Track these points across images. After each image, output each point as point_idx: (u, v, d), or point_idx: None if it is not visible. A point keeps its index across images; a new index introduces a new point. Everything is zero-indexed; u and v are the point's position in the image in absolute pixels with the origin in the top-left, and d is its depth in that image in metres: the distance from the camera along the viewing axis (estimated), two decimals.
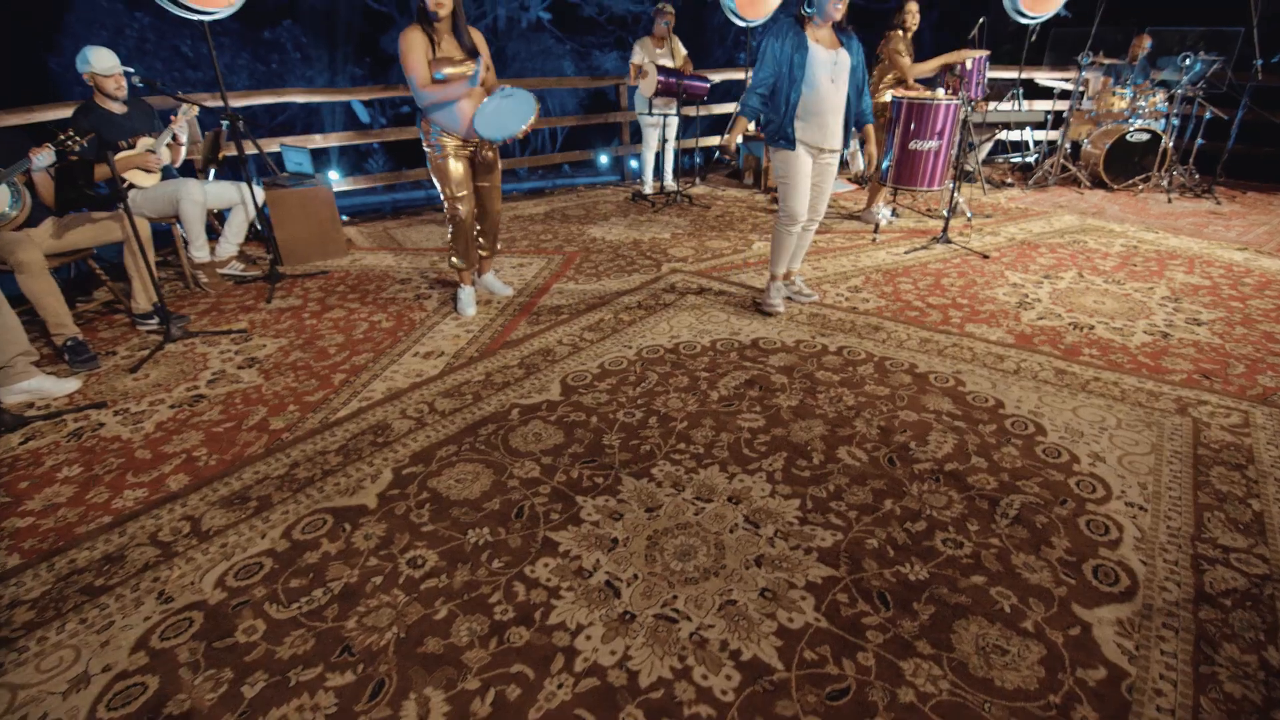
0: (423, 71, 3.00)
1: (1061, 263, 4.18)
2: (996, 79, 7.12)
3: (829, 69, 2.92)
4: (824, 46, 2.93)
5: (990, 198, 5.94)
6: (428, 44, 3.02)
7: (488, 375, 2.87)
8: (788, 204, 3.16)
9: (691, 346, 3.07)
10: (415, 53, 2.99)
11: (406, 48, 2.99)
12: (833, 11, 2.86)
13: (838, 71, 2.94)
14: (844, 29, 3.02)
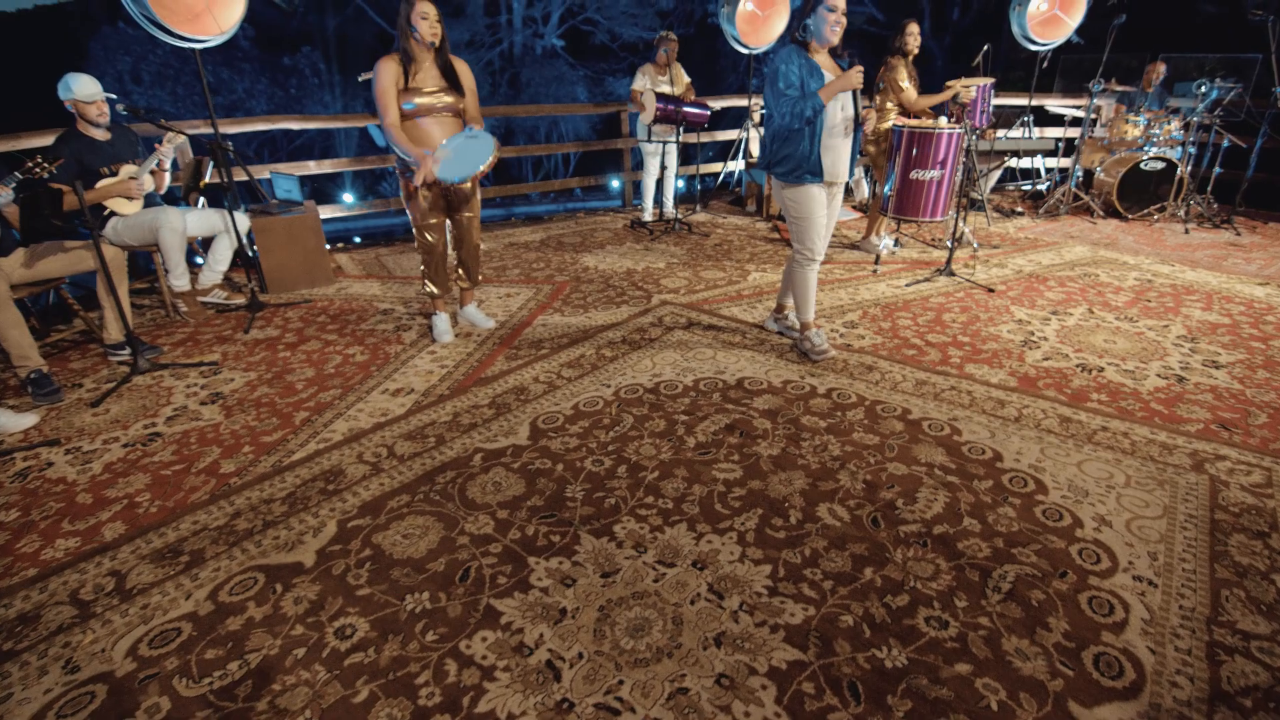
0: (393, 111, 2.92)
1: (1071, 298, 3.98)
2: (1005, 106, 6.98)
3: (839, 97, 2.80)
4: (830, 72, 2.82)
5: (999, 227, 5.76)
6: (401, 74, 2.94)
7: (456, 415, 2.73)
8: (808, 242, 3.01)
9: (673, 386, 2.92)
10: (388, 88, 2.91)
11: (376, 79, 2.91)
12: (830, 35, 2.73)
13: (845, 98, 2.83)
14: (840, 54, 2.90)
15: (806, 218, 2.96)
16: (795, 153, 2.84)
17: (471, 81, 3.17)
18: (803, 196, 2.92)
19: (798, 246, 3.04)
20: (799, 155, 2.84)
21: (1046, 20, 6.49)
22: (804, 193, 2.91)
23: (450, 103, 3.06)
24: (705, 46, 19.49)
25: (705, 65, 21.55)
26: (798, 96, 2.71)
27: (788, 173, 2.89)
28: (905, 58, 4.55)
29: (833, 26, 2.70)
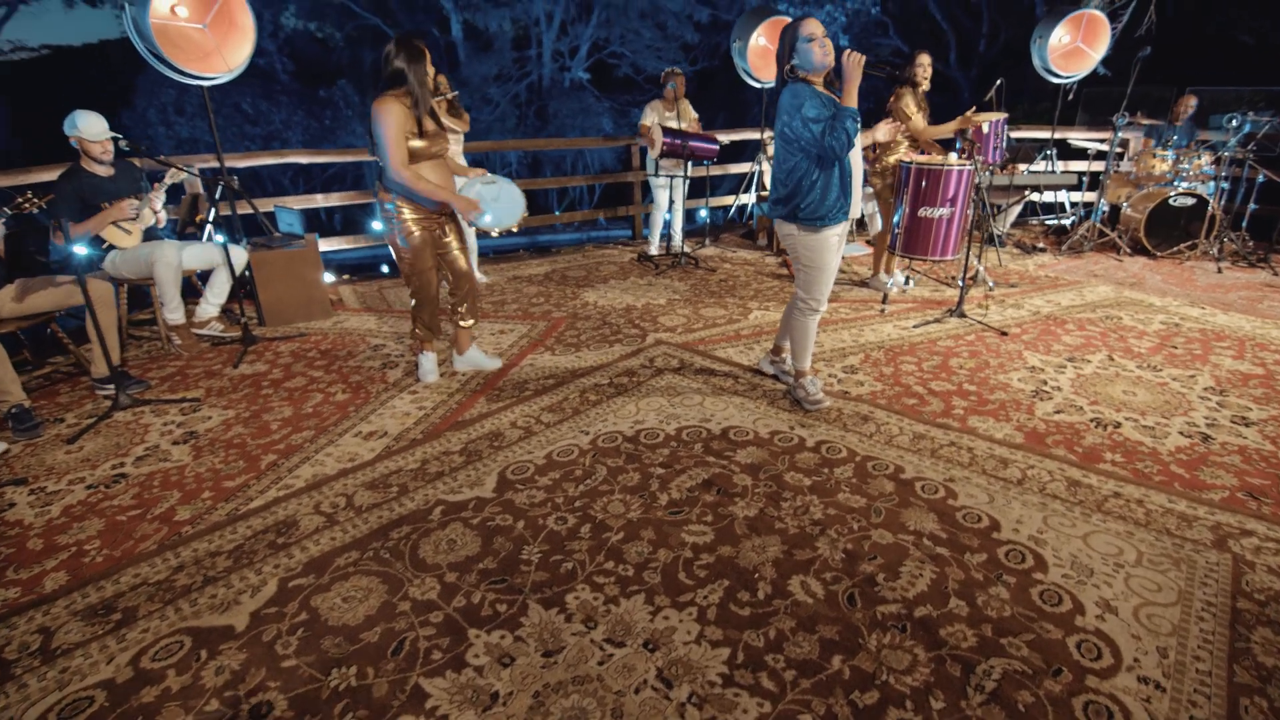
0: (403, 150, 2.82)
1: (1090, 342, 3.76)
2: (1027, 139, 6.80)
3: None
4: None
5: (1018, 264, 5.54)
6: (410, 120, 2.84)
7: (424, 463, 2.62)
8: (816, 291, 2.82)
9: (654, 435, 2.78)
10: (396, 128, 2.78)
11: (387, 120, 2.76)
12: (823, 60, 2.52)
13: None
14: (833, 82, 2.67)
15: (822, 267, 2.77)
16: (825, 191, 2.62)
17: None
18: (822, 244, 2.72)
19: (804, 295, 2.87)
20: (830, 193, 2.63)
21: (1069, 53, 6.32)
22: (824, 239, 2.71)
23: (443, 146, 3.03)
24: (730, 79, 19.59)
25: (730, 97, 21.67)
26: (830, 118, 2.49)
27: (817, 217, 2.65)
28: (915, 88, 4.42)
29: (822, 52, 2.54)
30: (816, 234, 2.70)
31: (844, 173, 2.62)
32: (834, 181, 2.61)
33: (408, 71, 2.80)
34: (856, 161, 2.68)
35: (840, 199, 2.64)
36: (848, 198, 2.66)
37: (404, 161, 2.84)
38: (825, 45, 2.52)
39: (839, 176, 2.61)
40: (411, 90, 2.83)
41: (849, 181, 2.64)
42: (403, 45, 2.81)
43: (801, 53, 2.54)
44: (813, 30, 2.54)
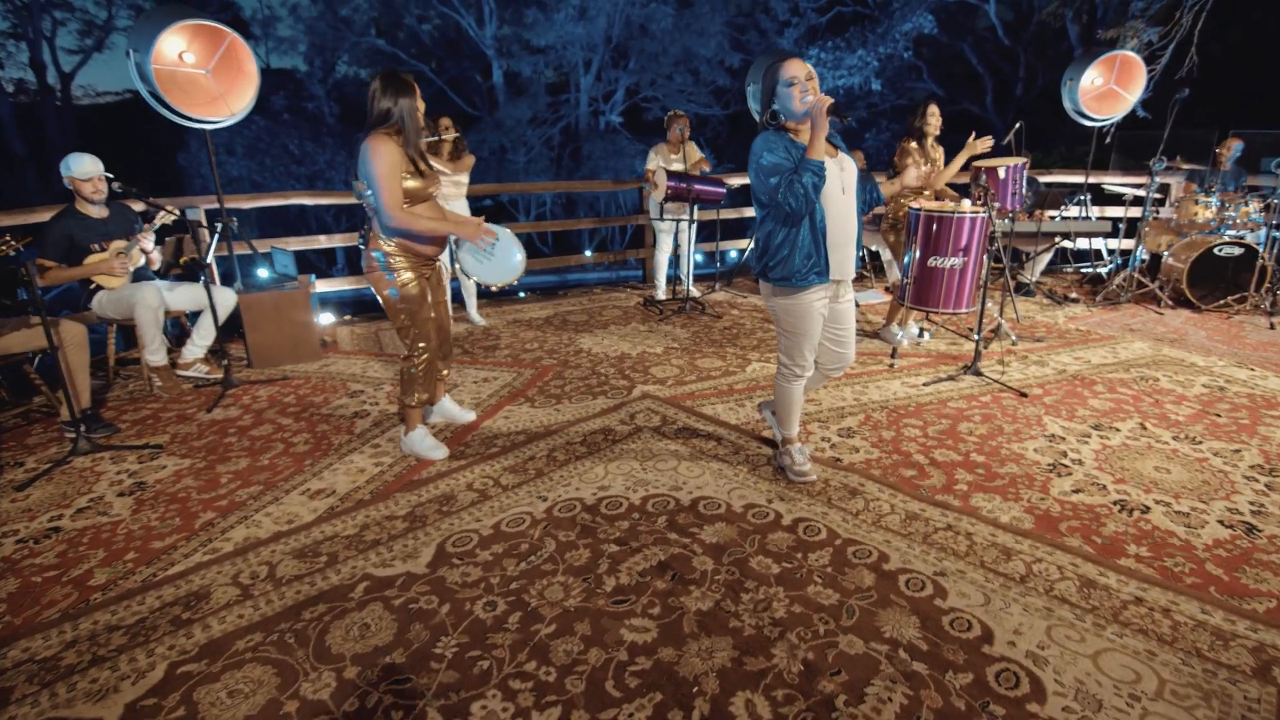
0: (398, 191, 2.62)
1: (1120, 407, 3.39)
2: (1059, 184, 6.48)
3: (837, 178, 2.33)
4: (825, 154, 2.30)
5: (1046, 315, 5.17)
6: (405, 162, 2.66)
7: (363, 528, 2.43)
8: (799, 357, 2.54)
9: (616, 504, 2.54)
10: (390, 166, 2.59)
11: (380, 159, 2.57)
12: (799, 105, 2.23)
13: (846, 180, 2.37)
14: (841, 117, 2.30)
15: (800, 333, 2.48)
16: (792, 249, 2.33)
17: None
18: (799, 306, 2.42)
19: (785, 360, 2.61)
20: (798, 251, 2.33)
21: (1102, 95, 6.02)
22: (801, 301, 2.40)
23: (437, 186, 2.88)
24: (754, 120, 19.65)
25: None
26: (790, 171, 2.23)
27: (787, 276, 2.35)
28: (922, 139, 4.19)
29: (803, 99, 2.25)
30: (789, 296, 2.43)
31: (816, 229, 2.32)
32: (802, 239, 2.33)
33: (396, 108, 2.67)
34: (840, 216, 2.36)
35: (813, 258, 2.34)
36: (822, 257, 2.35)
37: (399, 203, 2.65)
38: (809, 92, 2.25)
39: (810, 233, 2.33)
40: (402, 127, 2.70)
41: (823, 239, 2.34)
42: (389, 81, 2.68)
43: (782, 99, 2.29)
44: (793, 73, 2.26)
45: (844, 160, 2.39)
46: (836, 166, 2.34)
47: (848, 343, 2.62)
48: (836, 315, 2.54)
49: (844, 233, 2.38)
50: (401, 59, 23.18)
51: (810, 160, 2.20)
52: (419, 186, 2.71)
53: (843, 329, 2.59)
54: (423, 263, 2.84)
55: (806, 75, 2.27)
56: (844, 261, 2.42)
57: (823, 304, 2.45)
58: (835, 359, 2.66)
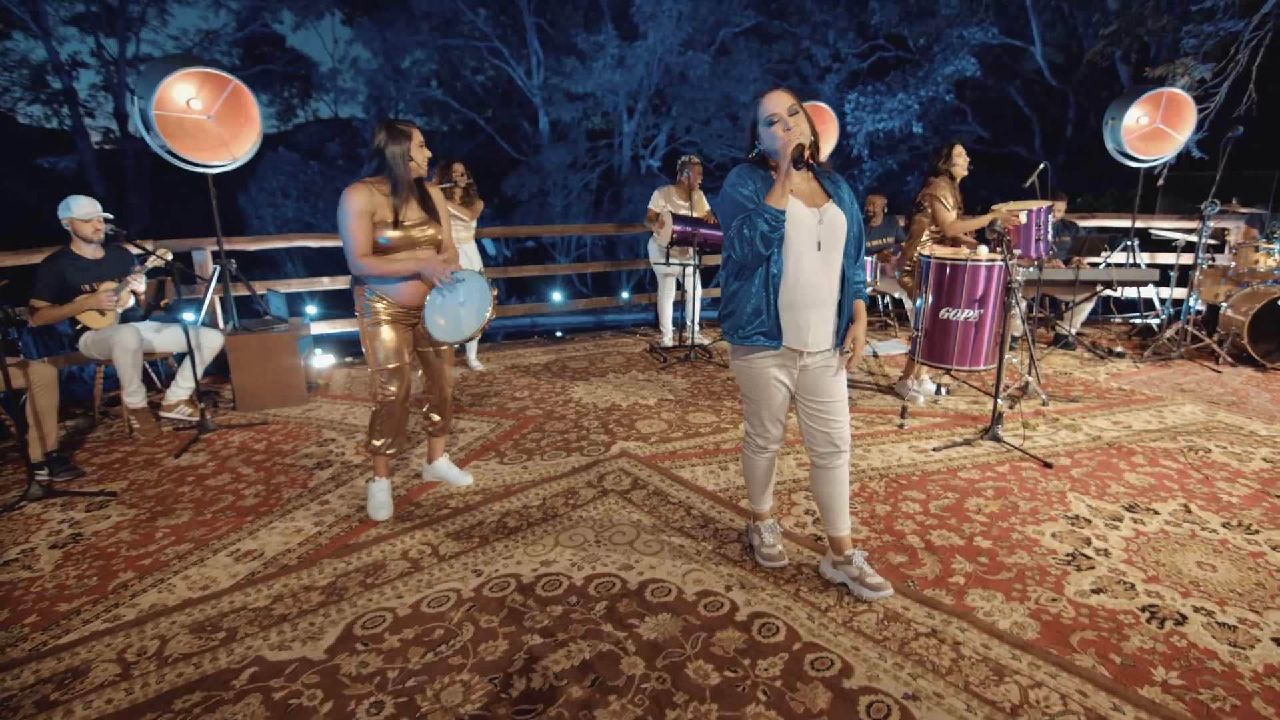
0: (363, 240, 2.55)
1: (1163, 483, 2.94)
2: (1103, 228, 6.02)
3: (812, 231, 1.97)
4: (803, 200, 1.99)
5: (1086, 371, 4.69)
6: (376, 204, 2.56)
7: (275, 600, 2.22)
8: (759, 425, 2.22)
9: (555, 584, 2.26)
10: (355, 216, 2.52)
11: (346, 208, 2.53)
12: (784, 144, 1.90)
13: (826, 234, 1.98)
14: (827, 171, 2.08)
15: (755, 399, 2.17)
16: (743, 302, 2.03)
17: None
18: (749, 369, 2.10)
19: (747, 428, 2.30)
20: (747, 305, 2.02)
21: (1148, 135, 5.60)
22: (752, 365, 2.09)
23: (431, 235, 2.72)
24: None
25: None
26: (751, 210, 1.94)
27: (732, 331, 2.08)
28: (953, 180, 3.88)
29: (785, 135, 1.93)
30: (740, 357, 2.13)
31: (769, 285, 2.00)
32: (753, 292, 2.02)
33: (384, 155, 2.58)
34: (806, 275, 1.98)
35: (762, 317, 2.01)
36: (772, 318, 2.01)
37: (363, 251, 2.56)
38: (792, 128, 1.92)
39: (761, 289, 2.00)
40: (390, 174, 2.60)
41: (774, 298, 2.00)
42: (384, 126, 2.60)
43: (763, 139, 2.00)
44: (773, 110, 1.94)
45: (830, 212, 2.00)
46: (814, 217, 1.98)
47: (832, 419, 2.11)
48: (810, 384, 2.10)
49: (808, 294, 1.99)
50: (454, 107, 24.18)
51: (764, 206, 1.91)
52: (399, 237, 2.59)
53: (822, 400, 2.10)
54: (406, 313, 2.72)
55: (789, 110, 1.94)
56: (803, 329, 2.01)
57: (781, 371, 2.11)
58: (818, 439, 2.13)
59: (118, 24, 20.90)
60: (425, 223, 2.69)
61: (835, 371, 2.10)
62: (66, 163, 20.74)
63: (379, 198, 2.57)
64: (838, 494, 2.17)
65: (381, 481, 2.84)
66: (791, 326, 2.02)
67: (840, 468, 2.14)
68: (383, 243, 2.58)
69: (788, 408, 2.20)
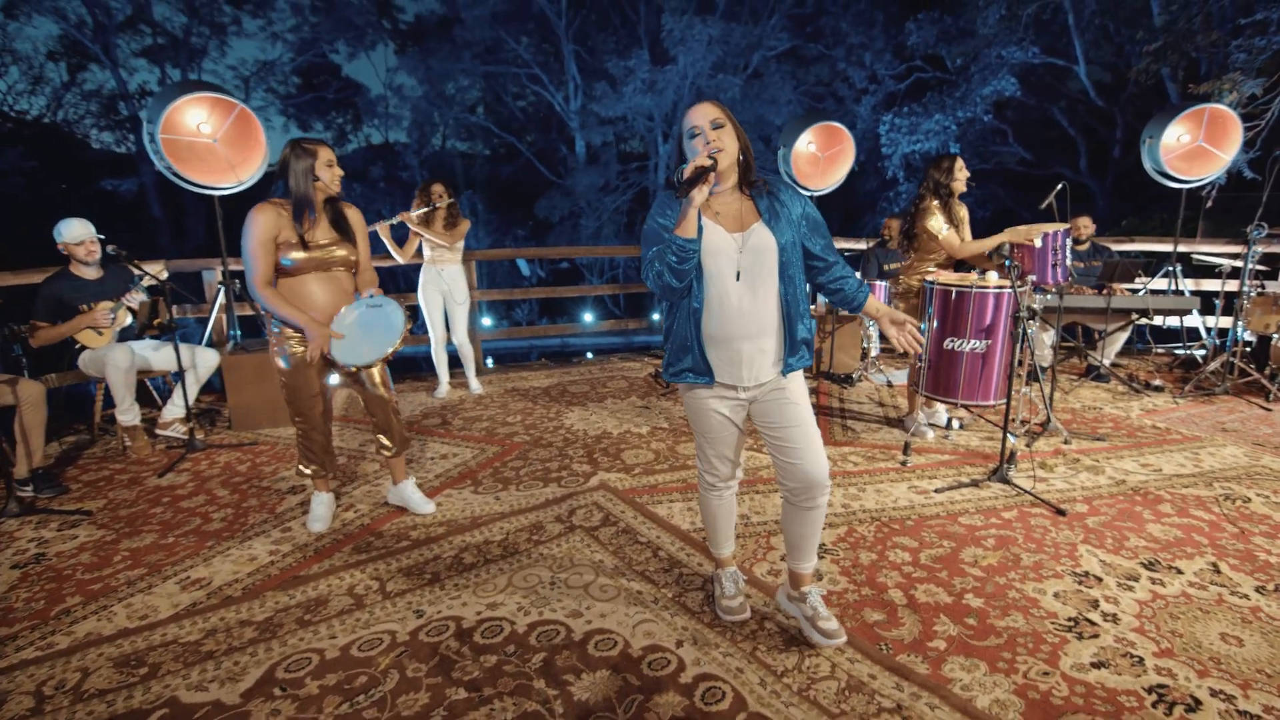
0: (262, 268, 2.49)
1: (1190, 537, 2.63)
2: (1139, 252, 5.65)
3: (731, 259, 1.79)
4: (724, 225, 1.82)
5: (1118, 406, 4.34)
6: (280, 225, 2.51)
7: (208, 634, 2.13)
8: (704, 461, 2.07)
9: (497, 630, 2.12)
10: (258, 240, 2.47)
11: (249, 230, 2.48)
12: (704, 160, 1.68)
13: (749, 261, 1.79)
14: (757, 185, 1.86)
15: (700, 434, 2.02)
16: (672, 335, 1.92)
17: (364, 228, 2.82)
18: (690, 399, 1.97)
19: (698, 462, 2.13)
20: (675, 339, 1.91)
21: (1190, 154, 5.26)
22: (692, 400, 1.96)
23: (343, 256, 2.69)
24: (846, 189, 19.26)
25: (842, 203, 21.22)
26: (660, 248, 1.75)
27: (665, 365, 1.97)
28: (947, 199, 3.63)
29: (705, 144, 1.75)
30: (684, 391, 1.99)
31: (690, 318, 1.84)
32: (678, 327, 1.88)
33: (288, 174, 2.54)
34: (733, 305, 1.81)
35: (689, 353, 1.87)
36: (698, 354, 1.86)
37: (264, 279, 2.51)
38: (709, 145, 1.74)
39: (686, 322, 1.85)
40: (294, 194, 2.55)
41: (697, 332, 1.85)
42: (290, 145, 2.57)
43: (687, 153, 1.82)
44: (695, 122, 1.77)
45: (755, 235, 1.80)
46: (735, 244, 1.80)
47: (793, 447, 1.89)
48: (763, 414, 1.93)
49: (736, 326, 1.82)
50: (495, 132, 24.77)
51: (673, 238, 1.72)
52: (305, 258, 2.55)
53: (779, 429, 1.90)
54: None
55: (712, 122, 1.76)
56: (735, 362, 1.84)
57: (722, 404, 1.93)
58: (786, 472, 1.92)
59: (181, 55, 22.11)
60: (337, 243, 2.63)
61: (792, 397, 1.91)
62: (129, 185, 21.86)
63: (284, 219, 2.52)
64: (808, 535, 1.99)
65: (321, 495, 2.89)
66: (722, 361, 1.86)
67: (814, 509, 1.95)
68: (287, 264, 2.52)
69: (738, 445, 2.02)
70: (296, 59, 23.66)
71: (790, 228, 1.85)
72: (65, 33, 20.55)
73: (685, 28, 15.46)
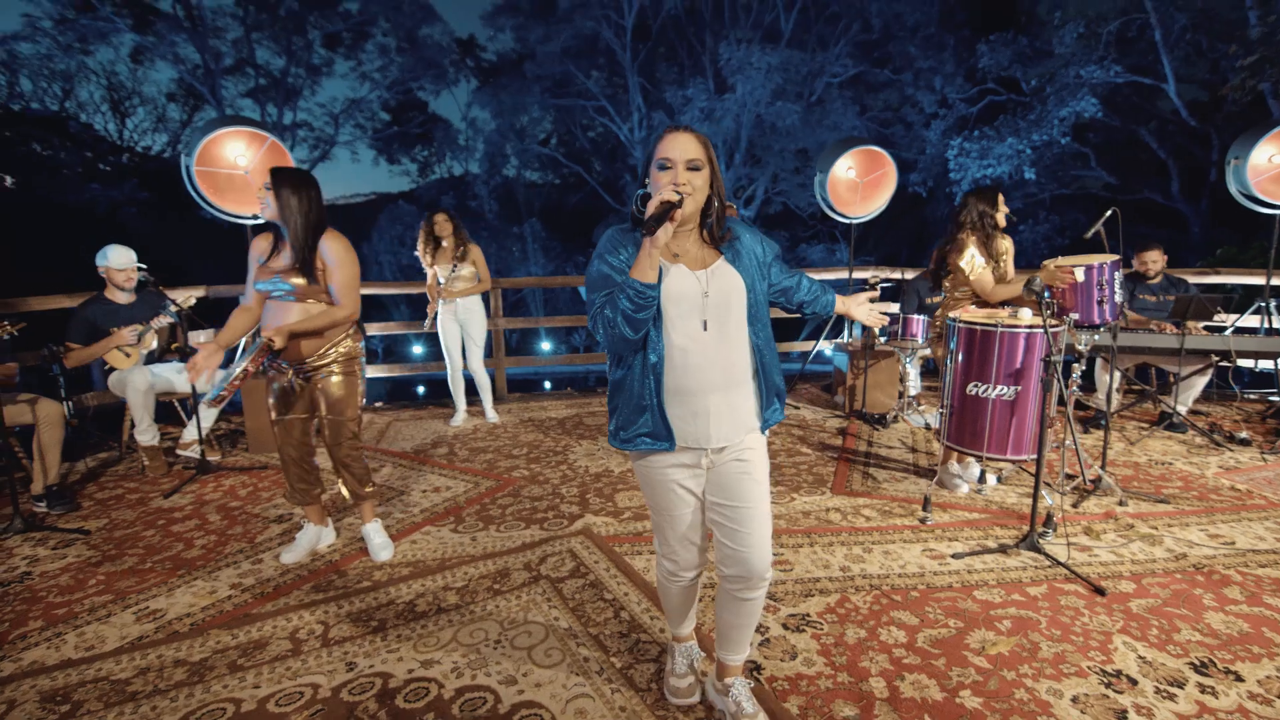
0: (247, 293, 2.65)
1: (1260, 633, 2.19)
2: (1219, 286, 5.03)
3: (695, 305, 1.57)
4: (687, 265, 1.60)
5: (1191, 462, 3.80)
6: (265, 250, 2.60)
7: (141, 672, 2.07)
8: (662, 542, 1.79)
9: (421, 693, 1.96)
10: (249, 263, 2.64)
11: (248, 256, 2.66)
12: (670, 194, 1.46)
13: (715, 306, 1.58)
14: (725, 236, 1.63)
15: (657, 509, 1.73)
16: (625, 395, 1.63)
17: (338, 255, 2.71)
18: (645, 472, 1.69)
19: (656, 544, 1.85)
20: (629, 400, 1.62)
21: None
22: (645, 471, 1.68)
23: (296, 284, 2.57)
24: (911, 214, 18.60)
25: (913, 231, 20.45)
26: (617, 286, 1.53)
27: (614, 431, 1.67)
28: (988, 234, 3.31)
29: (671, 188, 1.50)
30: (637, 460, 1.70)
31: (648, 373, 1.58)
32: (631, 384, 1.61)
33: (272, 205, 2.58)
34: (697, 357, 1.58)
35: (646, 415, 1.60)
36: (657, 415, 1.59)
37: (245, 303, 2.65)
38: (678, 184, 1.50)
39: (641, 377, 1.59)
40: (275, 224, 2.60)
41: (657, 389, 1.59)
42: None
43: (650, 186, 1.56)
44: (665, 153, 1.53)
45: (719, 275, 1.59)
46: (698, 286, 1.57)
47: (738, 529, 1.63)
48: (715, 482, 1.66)
49: (702, 378, 1.58)
50: (562, 162, 25.44)
51: (630, 281, 1.48)
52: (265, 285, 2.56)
53: (728, 505, 1.64)
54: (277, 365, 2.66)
55: (688, 163, 1.52)
56: (700, 418, 1.60)
57: (687, 475, 1.67)
58: (724, 556, 1.67)
59: (279, 95, 23.88)
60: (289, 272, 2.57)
61: (752, 471, 1.66)
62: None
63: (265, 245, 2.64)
64: (739, 625, 1.73)
65: (308, 528, 2.88)
66: (685, 419, 1.61)
67: (750, 601, 1.70)
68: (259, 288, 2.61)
69: (705, 525, 1.75)
70: (384, 96, 25.13)
71: (753, 266, 1.64)
72: (181, 77, 22.67)
73: (743, 56, 15.39)
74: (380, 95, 25.10)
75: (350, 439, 2.75)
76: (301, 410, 2.72)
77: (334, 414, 2.71)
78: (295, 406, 2.71)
